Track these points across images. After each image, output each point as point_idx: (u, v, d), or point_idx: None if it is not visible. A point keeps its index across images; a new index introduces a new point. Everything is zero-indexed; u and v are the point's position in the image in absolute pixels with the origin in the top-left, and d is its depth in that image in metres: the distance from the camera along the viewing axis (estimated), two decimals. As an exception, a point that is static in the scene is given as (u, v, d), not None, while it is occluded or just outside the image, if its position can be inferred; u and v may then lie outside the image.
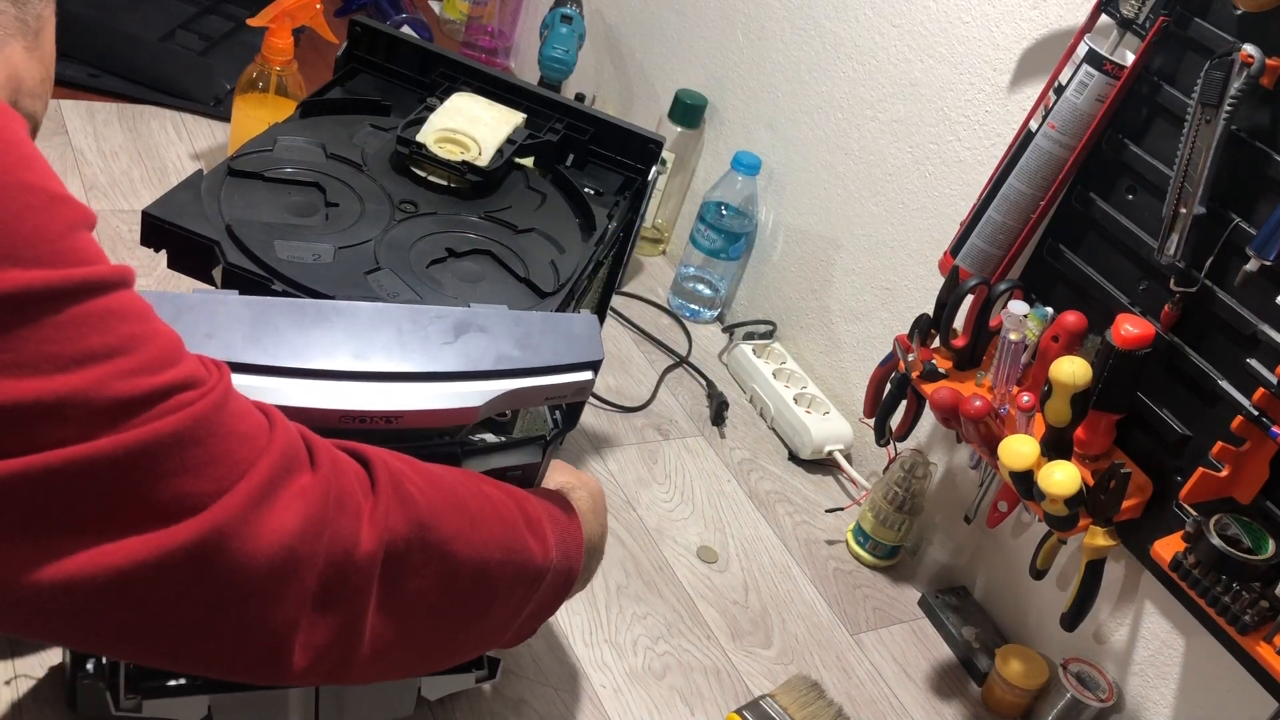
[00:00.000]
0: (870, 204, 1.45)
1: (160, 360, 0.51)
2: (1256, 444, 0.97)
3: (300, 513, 0.55)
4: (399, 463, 0.65)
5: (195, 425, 0.52)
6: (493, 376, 0.74)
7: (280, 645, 0.56)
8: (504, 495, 0.72)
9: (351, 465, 0.61)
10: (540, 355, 0.76)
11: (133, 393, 0.50)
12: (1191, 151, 1.00)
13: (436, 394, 0.72)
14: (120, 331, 0.50)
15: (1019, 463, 1.04)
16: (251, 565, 0.53)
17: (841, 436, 1.48)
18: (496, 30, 2.03)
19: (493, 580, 0.69)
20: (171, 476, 0.51)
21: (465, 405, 0.73)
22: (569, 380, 0.77)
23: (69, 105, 1.59)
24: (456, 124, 1.03)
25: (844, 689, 1.20)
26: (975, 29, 1.28)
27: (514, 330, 0.77)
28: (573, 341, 0.79)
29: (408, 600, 0.63)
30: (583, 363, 0.78)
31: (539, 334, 0.78)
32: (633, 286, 1.69)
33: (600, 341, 0.80)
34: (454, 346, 0.74)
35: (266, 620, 0.55)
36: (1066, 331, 1.08)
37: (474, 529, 0.67)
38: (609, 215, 1.06)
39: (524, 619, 0.75)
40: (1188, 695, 1.15)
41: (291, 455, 0.57)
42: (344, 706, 0.92)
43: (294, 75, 1.51)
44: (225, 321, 0.69)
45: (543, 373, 0.76)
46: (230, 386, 0.56)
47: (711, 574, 1.28)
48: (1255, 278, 0.98)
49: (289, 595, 0.56)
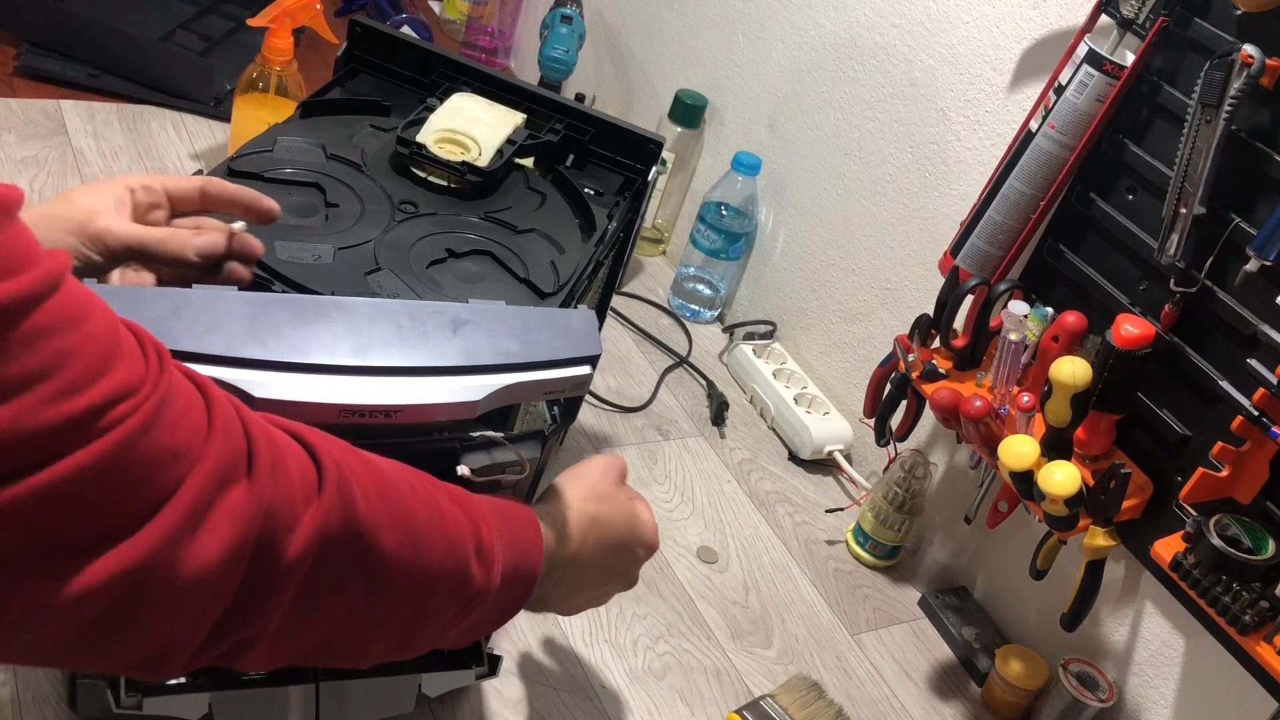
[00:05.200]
0: (870, 204, 1.45)
1: (91, 372, 0.47)
2: (1256, 444, 0.97)
3: (227, 535, 0.52)
4: (353, 461, 0.61)
5: (122, 449, 0.47)
6: (491, 371, 0.75)
7: (181, 652, 0.54)
8: (460, 513, 0.68)
9: (297, 462, 0.57)
10: (538, 350, 0.77)
11: (58, 420, 0.45)
12: (1191, 151, 1.00)
13: (435, 388, 0.72)
14: (47, 350, 0.45)
15: (1019, 463, 1.04)
16: (169, 597, 0.51)
17: (841, 436, 1.48)
18: (496, 30, 2.04)
19: (421, 601, 0.65)
20: (94, 510, 0.47)
21: (464, 399, 0.73)
22: (567, 375, 0.78)
23: (69, 105, 1.59)
24: (456, 124, 1.03)
25: (844, 689, 1.20)
26: (975, 29, 1.28)
27: (512, 325, 0.77)
28: (570, 336, 0.79)
29: (322, 606, 0.60)
30: (581, 357, 0.78)
31: (537, 329, 0.78)
32: (633, 286, 1.69)
33: (598, 336, 0.81)
34: (452, 341, 0.74)
35: (174, 636, 0.53)
36: (1066, 331, 1.08)
37: (415, 548, 0.63)
38: (609, 215, 1.06)
39: (456, 634, 0.71)
40: (1188, 695, 1.15)
41: (228, 464, 0.53)
42: (345, 704, 0.93)
43: (294, 75, 1.51)
44: (225, 316, 0.69)
45: (541, 367, 0.76)
46: (170, 383, 0.51)
47: (711, 574, 1.28)
48: (1255, 278, 0.98)
49: (202, 616, 0.53)
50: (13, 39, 1.65)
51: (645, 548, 0.86)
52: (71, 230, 0.72)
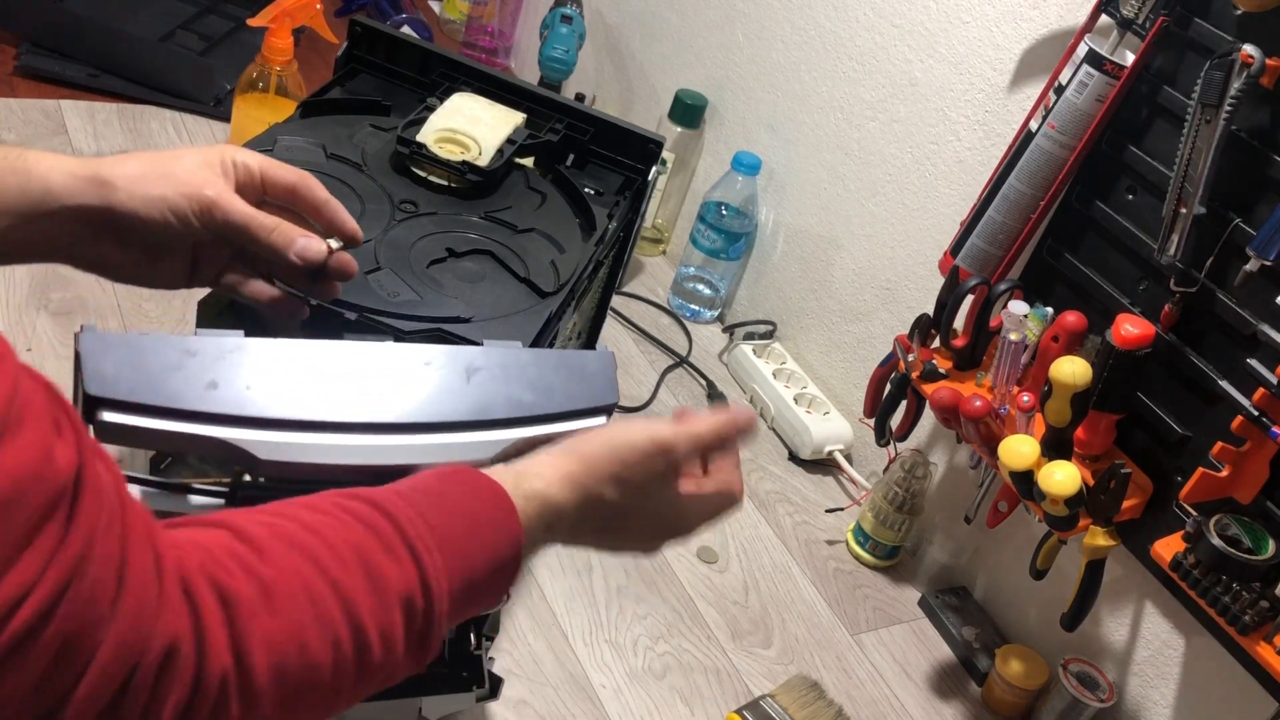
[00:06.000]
0: (870, 204, 1.44)
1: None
2: (1256, 444, 0.97)
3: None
4: (252, 593, 0.52)
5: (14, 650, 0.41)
6: (504, 425, 0.72)
7: None
8: (393, 564, 0.57)
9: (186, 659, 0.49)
10: (554, 399, 0.74)
11: None
12: (1191, 151, 1.00)
13: (447, 447, 0.70)
14: None
15: (1019, 463, 1.04)
16: None
17: (841, 436, 1.48)
18: (496, 30, 2.03)
19: (368, 665, 0.57)
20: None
21: (476, 457, 0.70)
22: (582, 425, 0.74)
23: (69, 105, 1.59)
24: (456, 124, 1.03)
25: (844, 689, 1.20)
26: (975, 29, 1.28)
27: (526, 371, 0.75)
28: (587, 382, 0.76)
29: None
30: (597, 408, 0.76)
31: (552, 374, 0.75)
32: (633, 286, 1.69)
33: (615, 382, 0.78)
34: (465, 391, 0.72)
35: None
36: (1066, 331, 1.08)
37: (336, 647, 0.55)
38: (609, 215, 1.06)
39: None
40: (1188, 695, 1.15)
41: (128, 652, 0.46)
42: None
43: (294, 75, 1.51)
44: (229, 369, 0.67)
45: (556, 419, 0.74)
46: (74, 576, 0.43)
47: (711, 574, 1.28)
48: (1255, 278, 0.98)
49: None
50: (13, 39, 1.65)
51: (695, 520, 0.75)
52: (184, 193, 0.69)
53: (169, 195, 0.69)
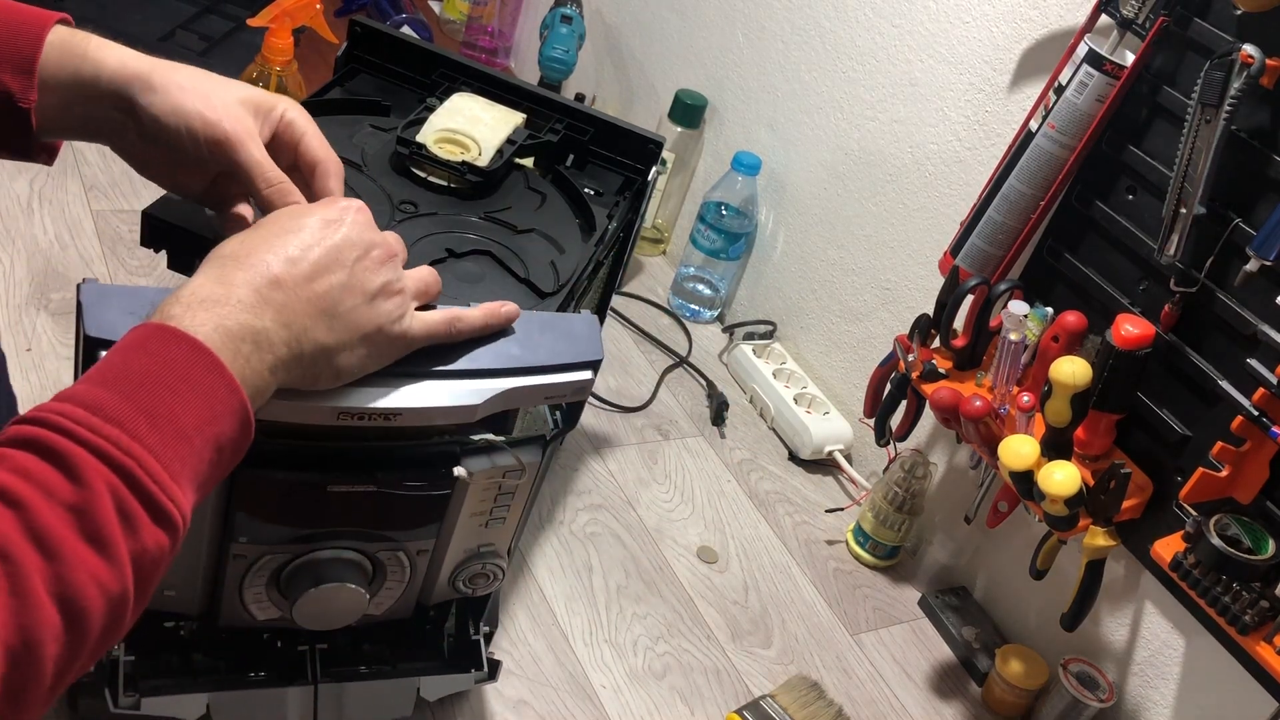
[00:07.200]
0: (870, 204, 1.44)
1: None
2: (1256, 444, 0.97)
3: None
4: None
5: None
6: (492, 375, 0.74)
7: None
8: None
9: None
10: (539, 354, 0.76)
11: None
12: (1191, 151, 1.00)
13: (434, 392, 0.72)
14: None
15: (1019, 463, 1.04)
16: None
17: (841, 436, 1.48)
18: (496, 30, 2.03)
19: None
20: None
21: (464, 404, 0.73)
22: (568, 379, 0.77)
23: (69, 105, 1.59)
24: (456, 124, 1.03)
25: (844, 689, 1.20)
26: (975, 29, 1.28)
27: (514, 329, 0.77)
28: (572, 340, 0.79)
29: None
30: (582, 362, 0.78)
31: (539, 333, 0.78)
32: (633, 286, 1.69)
33: (600, 341, 0.80)
34: (453, 344, 0.74)
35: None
36: (1066, 331, 1.08)
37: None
38: (609, 215, 1.06)
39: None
40: (1188, 695, 1.14)
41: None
42: (342, 707, 0.92)
43: (294, 75, 1.51)
44: None
45: (542, 371, 0.76)
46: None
47: (711, 574, 1.28)
48: (1255, 278, 0.98)
49: None
50: (13, 39, 1.65)
51: (357, 249, 0.67)
52: (205, 119, 0.71)
53: (190, 115, 0.71)
